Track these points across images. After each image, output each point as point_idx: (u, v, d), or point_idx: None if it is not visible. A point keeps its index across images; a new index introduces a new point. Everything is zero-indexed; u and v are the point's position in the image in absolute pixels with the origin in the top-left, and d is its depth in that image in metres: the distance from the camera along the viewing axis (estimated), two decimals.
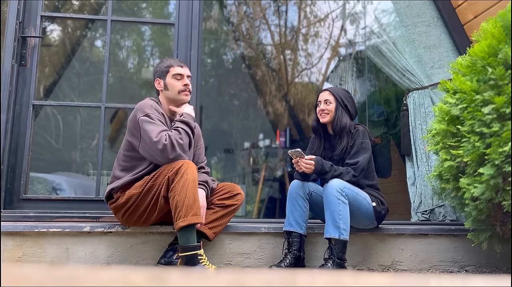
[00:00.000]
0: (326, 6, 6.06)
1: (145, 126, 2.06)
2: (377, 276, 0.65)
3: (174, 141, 2.03)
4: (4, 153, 2.51)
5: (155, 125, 2.06)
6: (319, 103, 2.46)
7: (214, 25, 6.29)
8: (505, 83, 1.79)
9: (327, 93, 2.46)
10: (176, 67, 2.24)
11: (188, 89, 2.24)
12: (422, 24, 3.06)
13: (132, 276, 0.58)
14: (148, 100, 2.22)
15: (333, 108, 2.42)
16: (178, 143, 2.04)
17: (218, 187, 2.34)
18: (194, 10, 2.87)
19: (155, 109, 2.15)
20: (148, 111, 2.11)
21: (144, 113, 2.10)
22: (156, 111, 2.15)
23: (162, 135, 2.02)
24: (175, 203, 1.98)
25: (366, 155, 2.33)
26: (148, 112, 2.11)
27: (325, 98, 2.44)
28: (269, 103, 6.76)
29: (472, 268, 2.46)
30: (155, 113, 2.13)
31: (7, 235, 2.20)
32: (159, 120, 2.11)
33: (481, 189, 1.82)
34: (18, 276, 0.56)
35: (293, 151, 2.27)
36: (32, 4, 2.73)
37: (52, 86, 5.47)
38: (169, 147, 2.01)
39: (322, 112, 2.44)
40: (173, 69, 2.24)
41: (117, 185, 2.15)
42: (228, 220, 2.30)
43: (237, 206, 2.31)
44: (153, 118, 2.09)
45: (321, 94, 2.48)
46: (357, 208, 2.24)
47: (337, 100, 2.43)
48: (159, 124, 2.08)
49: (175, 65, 2.25)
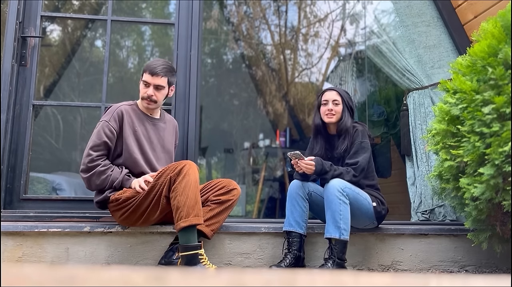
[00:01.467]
0: (326, 6, 6.06)
1: (92, 134, 2.20)
2: (377, 276, 0.65)
3: (97, 167, 2.14)
4: (4, 153, 2.50)
5: (97, 136, 2.18)
6: (326, 102, 2.43)
7: (214, 25, 6.29)
8: (505, 83, 1.79)
9: (335, 93, 2.44)
10: (147, 74, 2.23)
11: (150, 99, 2.24)
12: (422, 24, 3.05)
13: (132, 276, 0.58)
14: (116, 105, 2.28)
15: (340, 109, 2.42)
16: (95, 171, 2.14)
17: (214, 183, 2.30)
18: (194, 10, 2.87)
19: (113, 118, 2.20)
20: (105, 118, 2.21)
21: (101, 120, 2.23)
22: (114, 120, 2.20)
23: (95, 150, 2.16)
24: (176, 203, 1.98)
25: (366, 155, 2.33)
26: (104, 119, 2.21)
27: (334, 98, 2.42)
28: (269, 103, 6.75)
29: (472, 268, 2.46)
30: (111, 123, 2.19)
31: (7, 235, 2.20)
32: (110, 132, 2.18)
33: (481, 189, 1.82)
34: (18, 276, 0.56)
35: (292, 153, 2.27)
36: (32, 4, 2.73)
37: (52, 86, 5.47)
38: (87, 161, 2.15)
39: (329, 112, 2.41)
40: (144, 75, 2.25)
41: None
42: (225, 217, 2.27)
43: (233, 202, 2.27)
44: (103, 128, 2.18)
45: (328, 94, 2.45)
46: (358, 208, 2.24)
47: (344, 101, 2.43)
48: (105, 136, 2.17)
49: (148, 71, 2.23)
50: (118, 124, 2.20)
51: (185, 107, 2.75)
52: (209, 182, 2.32)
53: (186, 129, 2.71)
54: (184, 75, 2.77)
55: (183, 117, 2.73)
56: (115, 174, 2.14)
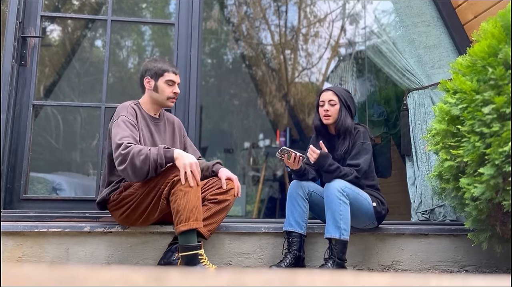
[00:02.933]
0: (326, 6, 6.06)
1: (113, 130, 2.10)
2: (377, 276, 0.65)
3: (131, 149, 1.97)
4: (4, 153, 2.51)
5: (122, 129, 2.08)
6: (323, 103, 2.41)
7: (214, 25, 6.29)
8: (505, 83, 1.79)
9: (331, 93, 2.41)
10: (171, 74, 2.27)
11: (176, 97, 2.31)
12: (422, 24, 3.05)
13: (132, 276, 0.58)
14: (126, 103, 2.25)
15: (337, 109, 2.39)
16: (132, 153, 1.96)
17: (211, 182, 2.28)
18: (194, 10, 2.87)
19: (130, 113, 2.17)
20: (123, 113, 2.15)
21: (117, 117, 2.15)
22: (131, 115, 2.17)
23: (124, 139, 2.03)
24: (176, 207, 1.97)
25: (367, 157, 2.33)
26: (122, 114, 2.15)
27: (330, 98, 2.39)
28: (269, 103, 6.76)
29: (472, 268, 2.46)
30: (129, 117, 2.15)
31: (7, 235, 2.20)
32: (131, 125, 2.12)
33: (481, 189, 1.82)
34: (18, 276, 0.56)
35: (280, 151, 2.26)
36: (32, 4, 2.73)
37: (52, 86, 5.47)
38: (120, 150, 1.98)
39: (325, 113, 2.39)
40: (167, 75, 2.26)
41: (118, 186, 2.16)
42: (222, 217, 2.24)
43: (230, 202, 2.24)
44: (124, 122, 2.11)
45: (324, 94, 2.42)
46: (358, 208, 2.24)
47: (341, 100, 2.39)
48: (128, 129, 2.10)
49: (170, 70, 2.27)
50: (135, 118, 2.20)
51: (185, 107, 2.75)
52: (207, 180, 2.29)
53: (186, 129, 2.71)
54: (184, 75, 2.77)
55: (183, 117, 2.73)
56: (153, 150, 1.99)
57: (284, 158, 2.27)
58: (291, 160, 2.26)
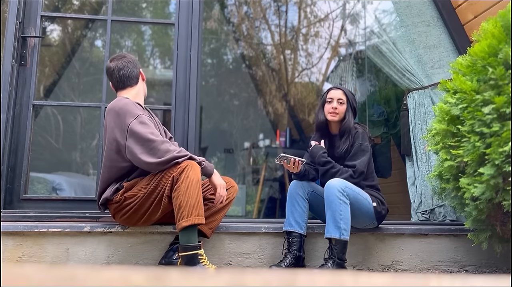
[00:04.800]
0: (326, 6, 6.06)
1: (138, 129, 2.05)
2: (377, 276, 0.65)
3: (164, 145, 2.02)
4: (4, 153, 2.50)
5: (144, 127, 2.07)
6: (331, 100, 2.42)
7: (214, 25, 6.29)
8: (505, 83, 1.79)
9: (341, 92, 2.44)
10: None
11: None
12: (422, 24, 3.05)
13: (132, 276, 0.58)
14: (127, 101, 2.17)
15: (344, 109, 2.42)
16: (168, 149, 2.02)
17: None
18: (194, 10, 2.87)
19: (139, 109, 2.16)
20: (139, 113, 2.11)
21: (135, 116, 2.09)
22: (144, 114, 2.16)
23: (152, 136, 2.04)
24: (178, 202, 1.98)
25: (364, 158, 2.33)
26: (139, 114, 2.10)
27: (339, 97, 2.42)
28: (269, 103, 6.76)
29: (472, 268, 2.46)
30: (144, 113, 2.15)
31: (7, 235, 2.20)
32: (153, 124, 2.14)
33: (481, 189, 1.82)
34: (18, 276, 0.56)
35: (279, 157, 2.28)
36: (32, 4, 2.73)
37: (52, 86, 5.47)
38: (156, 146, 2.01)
39: (333, 110, 2.41)
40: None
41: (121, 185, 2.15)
42: (223, 215, 2.29)
43: (230, 200, 2.30)
44: (143, 119, 2.09)
45: (334, 92, 2.44)
46: (358, 208, 2.24)
47: (348, 101, 2.43)
48: (150, 125, 2.10)
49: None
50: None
51: (185, 107, 2.75)
52: (207, 180, 2.30)
53: (186, 129, 2.71)
54: (184, 75, 2.77)
55: (183, 117, 2.73)
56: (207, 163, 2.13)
57: (284, 163, 2.30)
58: (291, 164, 2.28)
